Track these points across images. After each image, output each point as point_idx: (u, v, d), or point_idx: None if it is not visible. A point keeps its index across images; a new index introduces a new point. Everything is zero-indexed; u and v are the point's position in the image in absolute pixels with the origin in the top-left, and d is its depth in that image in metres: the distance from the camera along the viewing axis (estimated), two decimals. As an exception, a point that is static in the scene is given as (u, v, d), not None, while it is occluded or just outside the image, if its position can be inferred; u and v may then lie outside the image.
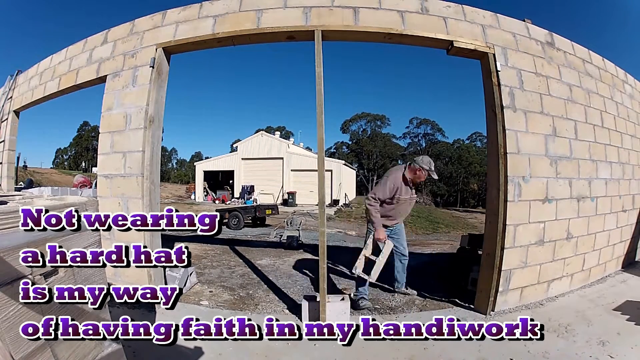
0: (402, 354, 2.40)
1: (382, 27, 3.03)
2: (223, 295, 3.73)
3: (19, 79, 4.90)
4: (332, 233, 11.96)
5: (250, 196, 23.83)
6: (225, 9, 3.20)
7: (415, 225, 16.88)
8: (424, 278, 4.45)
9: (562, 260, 3.43)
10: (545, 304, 3.22)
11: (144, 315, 2.95)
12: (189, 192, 30.38)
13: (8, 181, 5.03)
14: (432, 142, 54.55)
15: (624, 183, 4.16)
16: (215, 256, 6.02)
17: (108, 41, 3.63)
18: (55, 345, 1.19)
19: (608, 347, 2.41)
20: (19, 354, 1.04)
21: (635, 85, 4.66)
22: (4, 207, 1.09)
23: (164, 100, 3.45)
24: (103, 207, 3.07)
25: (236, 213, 11.66)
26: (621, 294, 3.42)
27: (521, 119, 3.18)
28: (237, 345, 2.50)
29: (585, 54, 3.89)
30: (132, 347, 2.27)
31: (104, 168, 3.36)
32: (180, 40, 3.26)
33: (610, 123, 3.97)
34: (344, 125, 57.63)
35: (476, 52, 3.18)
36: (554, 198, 3.30)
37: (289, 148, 27.33)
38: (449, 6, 3.20)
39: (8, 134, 4.91)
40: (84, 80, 3.74)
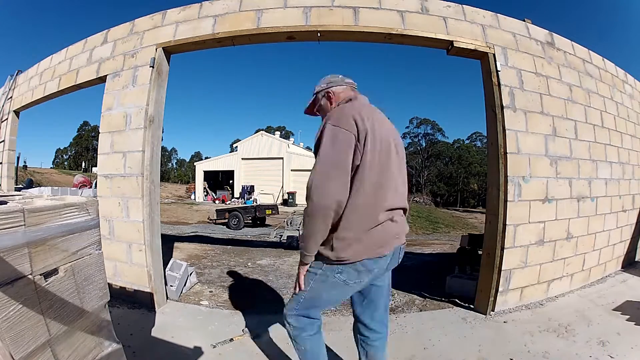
0: (402, 353, 2.40)
1: (382, 27, 3.03)
2: (223, 295, 3.73)
3: (19, 79, 4.90)
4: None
5: (250, 196, 23.85)
6: (225, 9, 3.20)
7: (415, 225, 16.89)
8: (424, 278, 4.45)
9: (562, 260, 3.43)
10: (545, 304, 3.22)
11: (144, 315, 2.95)
12: (189, 192, 30.39)
13: (8, 181, 5.03)
14: (432, 142, 54.54)
15: (624, 183, 4.16)
16: (215, 256, 6.03)
17: (108, 41, 3.63)
18: (55, 345, 1.19)
19: (608, 347, 2.41)
20: (19, 354, 1.04)
21: (635, 85, 4.66)
22: (4, 207, 1.08)
23: (164, 100, 3.45)
24: (103, 207, 3.06)
25: (236, 213, 11.67)
26: (621, 294, 3.42)
27: (521, 119, 3.18)
28: (237, 345, 2.50)
29: (585, 54, 3.89)
30: (132, 347, 2.27)
31: (104, 168, 3.36)
32: (180, 40, 3.26)
33: (610, 123, 3.97)
34: (344, 125, 57.54)
35: (476, 52, 3.18)
36: (554, 198, 3.30)
37: (289, 148, 27.34)
38: (449, 6, 3.20)
39: (8, 134, 4.91)
40: (84, 80, 3.74)
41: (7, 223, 1.05)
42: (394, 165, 1.50)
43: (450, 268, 4.24)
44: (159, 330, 2.68)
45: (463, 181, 51.33)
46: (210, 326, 2.81)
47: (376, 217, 1.41)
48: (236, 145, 29.75)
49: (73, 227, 1.31)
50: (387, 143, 1.48)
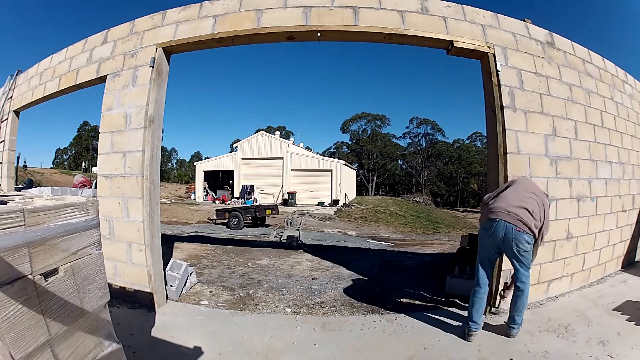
0: (402, 353, 2.40)
1: (382, 27, 3.03)
2: (223, 295, 3.73)
3: (19, 79, 4.90)
4: (332, 233, 11.96)
5: (250, 196, 23.83)
6: (225, 9, 3.20)
7: (415, 225, 16.89)
8: (424, 278, 4.45)
9: (562, 260, 3.43)
10: (545, 304, 3.22)
11: (144, 315, 2.95)
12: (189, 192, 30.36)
13: (8, 181, 5.03)
14: (432, 142, 54.49)
15: (624, 183, 4.16)
16: (215, 256, 6.03)
17: (108, 41, 3.63)
18: (55, 345, 1.19)
19: (608, 347, 2.41)
20: (19, 354, 1.04)
21: (635, 85, 4.66)
22: (4, 207, 1.08)
23: (164, 100, 3.45)
24: (103, 207, 3.06)
25: (236, 213, 11.66)
26: (621, 294, 3.42)
27: (521, 119, 3.18)
28: (237, 345, 2.50)
29: (585, 54, 3.89)
30: (132, 347, 2.27)
31: (104, 168, 3.36)
32: (180, 40, 3.26)
33: (610, 123, 3.97)
34: (344, 125, 57.64)
35: (476, 52, 3.18)
36: (554, 198, 3.30)
37: (289, 148, 27.31)
38: (449, 6, 3.20)
39: (8, 134, 4.92)
40: (84, 80, 3.75)
41: (7, 223, 1.05)
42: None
43: (450, 268, 4.24)
44: (158, 330, 2.68)
45: (463, 181, 51.32)
46: (210, 326, 2.81)
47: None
48: (236, 145, 29.72)
49: (73, 227, 1.31)
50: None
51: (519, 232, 2.46)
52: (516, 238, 2.46)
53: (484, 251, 2.67)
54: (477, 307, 2.60)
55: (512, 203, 2.53)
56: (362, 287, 4.21)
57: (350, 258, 6.28)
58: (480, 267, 2.67)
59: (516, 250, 2.48)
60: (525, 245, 2.47)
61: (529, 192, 2.58)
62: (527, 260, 2.52)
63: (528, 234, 2.46)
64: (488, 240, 2.60)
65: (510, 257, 2.56)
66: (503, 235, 2.49)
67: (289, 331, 2.77)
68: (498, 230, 2.51)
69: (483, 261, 2.67)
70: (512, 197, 2.58)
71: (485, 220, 2.64)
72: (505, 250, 2.56)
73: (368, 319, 3.04)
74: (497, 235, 2.51)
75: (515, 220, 2.47)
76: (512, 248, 2.48)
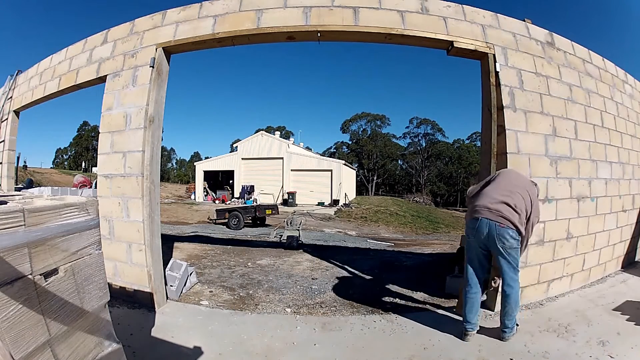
0: (402, 353, 2.40)
1: (382, 27, 3.03)
2: (223, 295, 3.73)
3: (19, 79, 4.90)
4: (332, 233, 11.96)
5: (250, 196, 23.82)
6: (225, 9, 3.20)
7: (415, 225, 16.89)
8: (424, 278, 4.45)
9: (562, 260, 3.43)
10: (545, 304, 3.22)
11: (144, 315, 2.95)
12: (189, 192, 30.36)
13: (8, 181, 5.03)
14: (432, 142, 54.49)
15: (624, 183, 4.16)
16: (215, 256, 6.03)
17: (108, 41, 3.63)
18: (55, 345, 1.19)
19: (608, 347, 2.41)
20: (19, 354, 1.04)
21: (635, 85, 4.66)
22: (4, 207, 1.08)
23: (164, 100, 3.45)
24: (103, 207, 3.06)
25: (236, 213, 11.66)
26: (621, 294, 3.41)
27: (521, 119, 3.18)
28: (237, 345, 2.50)
29: (585, 54, 3.89)
30: (132, 347, 2.27)
31: (104, 168, 3.36)
32: (180, 40, 3.26)
33: (610, 123, 3.97)
34: (344, 125, 57.66)
35: (476, 53, 3.18)
36: (554, 198, 3.30)
37: (289, 148, 27.31)
38: (449, 6, 3.20)
39: (8, 134, 4.91)
40: (84, 80, 3.74)
41: (7, 223, 1.05)
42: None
43: (450, 268, 4.24)
44: (158, 330, 2.68)
45: (463, 181, 51.28)
46: (210, 326, 2.81)
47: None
48: (236, 145, 29.72)
49: (73, 227, 1.31)
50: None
51: (502, 228, 2.43)
52: (500, 234, 2.43)
53: (471, 250, 2.66)
54: (470, 306, 2.58)
55: (493, 199, 2.50)
56: (362, 287, 4.21)
57: (350, 258, 6.28)
58: (468, 266, 2.66)
59: (501, 247, 2.45)
60: (511, 240, 2.43)
61: (513, 186, 2.55)
62: (514, 259, 2.49)
63: (512, 229, 2.44)
64: (473, 238, 2.59)
65: (497, 254, 2.53)
66: (487, 232, 2.48)
67: (289, 331, 2.77)
68: (481, 228, 2.50)
69: (471, 259, 2.66)
70: (494, 192, 2.55)
71: (470, 219, 2.62)
72: (491, 247, 2.53)
73: (368, 319, 3.04)
74: (482, 233, 2.50)
75: (497, 217, 2.44)
76: (497, 245, 2.46)
